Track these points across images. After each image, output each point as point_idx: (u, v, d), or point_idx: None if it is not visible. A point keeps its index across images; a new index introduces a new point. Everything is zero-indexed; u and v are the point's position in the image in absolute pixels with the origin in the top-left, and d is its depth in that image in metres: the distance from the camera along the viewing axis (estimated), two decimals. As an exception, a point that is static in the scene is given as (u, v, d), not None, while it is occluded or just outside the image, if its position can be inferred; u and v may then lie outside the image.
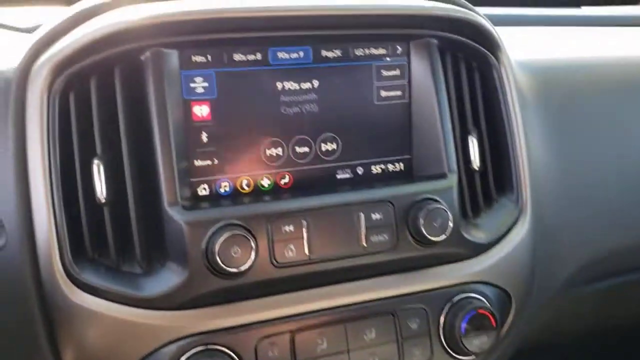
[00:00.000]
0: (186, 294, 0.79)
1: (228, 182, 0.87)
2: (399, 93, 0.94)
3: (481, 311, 0.91)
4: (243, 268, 0.77)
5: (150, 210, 0.81)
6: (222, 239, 0.77)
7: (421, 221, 0.86)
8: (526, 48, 1.19)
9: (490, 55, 0.98)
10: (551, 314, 1.14)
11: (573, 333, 1.33)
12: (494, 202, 1.00)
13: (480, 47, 0.97)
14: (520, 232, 0.99)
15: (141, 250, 0.80)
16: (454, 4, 0.93)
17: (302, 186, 0.90)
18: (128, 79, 0.81)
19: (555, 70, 1.14)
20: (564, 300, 1.14)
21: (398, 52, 0.93)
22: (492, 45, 0.97)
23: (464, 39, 0.95)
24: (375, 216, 0.86)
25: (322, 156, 0.91)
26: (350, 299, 0.87)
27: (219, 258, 0.77)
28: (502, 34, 1.00)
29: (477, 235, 0.94)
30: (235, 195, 0.87)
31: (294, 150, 0.89)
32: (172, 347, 0.79)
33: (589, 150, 1.11)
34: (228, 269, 0.77)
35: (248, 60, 0.85)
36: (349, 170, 0.93)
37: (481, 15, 0.96)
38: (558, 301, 1.13)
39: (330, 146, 0.91)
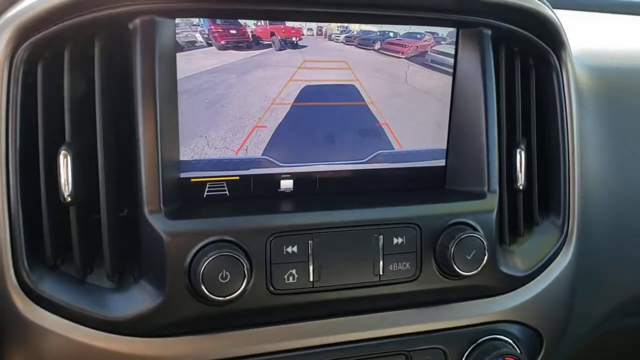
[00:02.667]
0: (162, 318, 0.66)
1: (225, 180, 0.73)
2: None
3: (508, 358, 0.78)
4: (230, 297, 0.64)
5: (126, 213, 0.67)
6: (209, 259, 0.63)
7: (451, 251, 0.72)
8: (588, 41, 1.01)
9: (553, 53, 0.82)
10: (580, 351, 1.00)
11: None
12: (534, 226, 0.85)
13: (542, 43, 0.81)
14: (562, 263, 0.85)
15: (112, 260, 0.67)
16: (517, -11, 0.77)
17: (310, 191, 0.76)
18: (111, 51, 0.67)
19: (623, 71, 0.97)
20: (597, 336, 1.01)
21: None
22: (555, 42, 0.81)
23: (523, 31, 0.79)
24: (397, 240, 0.72)
25: (339, 154, 0.76)
26: (358, 334, 0.74)
27: (203, 283, 0.63)
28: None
29: (513, 266, 0.80)
30: (232, 200, 0.73)
31: (309, 145, 0.75)
32: (140, 382, 0.66)
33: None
34: (212, 296, 0.63)
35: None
36: (369, 172, 0.78)
37: (547, 4, 0.80)
38: (590, 337, 0.99)
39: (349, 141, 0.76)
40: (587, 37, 1.04)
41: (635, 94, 0.97)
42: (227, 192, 0.73)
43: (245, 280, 0.64)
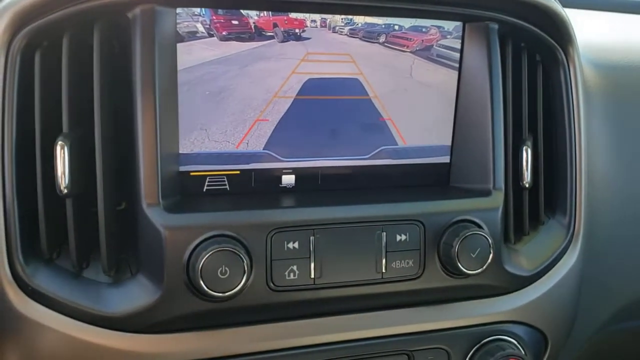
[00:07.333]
0: (159, 314, 0.65)
1: (225, 174, 0.71)
2: None
3: (513, 359, 0.76)
4: (230, 293, 0.62)
5: (124, 206, 0.66)
6: (208, 254, 0.62)
7: (456, 248, 0.70)
8: (596, 39, 1.00)
9: (560, 49, 0.80)
10: (584, 353, 0.98)
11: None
12: (540, 225, 0.84)
13: (549, 38, 0.80)
14: (569, 263, 0.83)
15: (109, 254, 0.65)
16: (525, -18, 0.75)
17: (313, 188, 0.74)
18: (110, 39, 0.65)
19: (631, 68, 0.96)
20: (603, 337, 0.99)
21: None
22: (563, 37, 0.80)
23: (530, 26, 0.78)
24: (400, 237, 0.71)
25: (342, 150, 0.75)
26: (359, 333, 0.73)
27: (202, 278, 0.62)
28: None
29: (519, 266, 0.79)
30: (232, 194, 0.71)
31: (311, 139, 0.73)
32: (137, 378, 0.65)
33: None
34: (211, 292, 0.62)
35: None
36: (372, 169, 0.76)
37: (555, -1, 0.78)
38: (596, 338, 0.97)
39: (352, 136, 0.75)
40: (595, 35, 1.02)
41: (643, 92, 0.96)
42: (227, 187, 0.72)
43: (245, 276, 0.63)
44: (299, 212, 0.68)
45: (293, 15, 0.70)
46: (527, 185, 0.80)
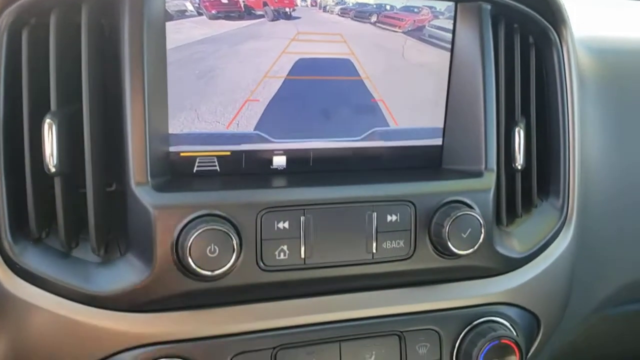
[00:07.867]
0: (148, 294, 0.64)
1: (216, 155, 0.71)
2: None
3: (505, 341, 0.76)
4: (219, 272, 0.62)
5: (114, 187, 0.65)
6: (197, 232, 0.62)
7: (447, 229, 0.70)
8: (590, 24, 1.00)
9: (553, 30, 0.80)
10: (578, 337, 0.98)
11: (603, 358, 1.17)
12: (533, 208, 0.84)
13: (542, 19, 0.79)
14: (561, 246, 0.83)
15: (97, 233, 0.65)
16: (518, -39, 0.75)
17: (304, 169, 0.74)
18: (98, 18, 0.65)
19: (624, 53, 0.96)
20: (596, 321, 0.99)
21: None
22: (556, 18, 0.79)
23: (523, 7, 0.77)
24: (391, 217, 0.71)
25: (333, 131, 0.74)
26: (349, 313, 0.72)
27: (191, 257, 0.61)
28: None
29: (510, 248, 0.79)
30: (222, 175, 0.71)
31: (303, 120, 0.72)
32: (126, 358, 0.64)
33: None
34: (200, 271, 0.62)
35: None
36: (364, 151, 0.76)
37: (548, -22, 0.78)
38: (590, 322, 0.97)
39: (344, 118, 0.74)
40: (589, 20, 1.02)
41: (637, 76, 0.96)
42: (217, 168, 0.71)
43: (235, 255, 0.62)
44: (290, 192, 0.68)
45: (283, -6, 0.70)
46: (519, 167, 0.80)
